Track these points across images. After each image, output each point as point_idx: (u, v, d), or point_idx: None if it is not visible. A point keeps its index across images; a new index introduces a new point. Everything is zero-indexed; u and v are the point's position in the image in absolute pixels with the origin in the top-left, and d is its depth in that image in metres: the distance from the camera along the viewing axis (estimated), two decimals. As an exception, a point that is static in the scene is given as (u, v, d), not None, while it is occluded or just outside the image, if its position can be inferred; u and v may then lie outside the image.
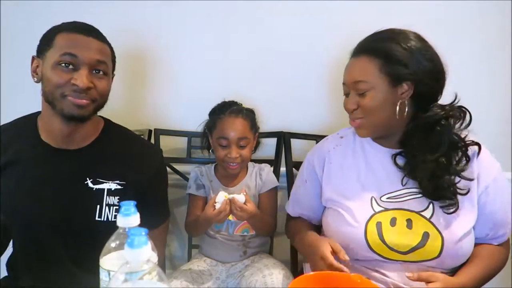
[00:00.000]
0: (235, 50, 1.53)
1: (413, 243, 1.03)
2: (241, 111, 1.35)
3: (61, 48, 1.00)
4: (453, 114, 1.05)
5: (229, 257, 1.37)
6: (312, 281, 0.88)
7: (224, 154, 1.33)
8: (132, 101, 1.54)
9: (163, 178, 1.23)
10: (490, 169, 1.09)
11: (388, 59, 1.03)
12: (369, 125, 1.09)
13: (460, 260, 1.06)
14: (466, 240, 1.04)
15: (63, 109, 1.02)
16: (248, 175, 1.42)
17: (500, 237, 1.11)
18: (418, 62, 1.03)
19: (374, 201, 1.09)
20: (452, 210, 1.03)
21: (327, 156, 1.20)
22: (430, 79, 1.04)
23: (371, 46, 1.07)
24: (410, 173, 1.07)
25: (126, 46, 1.45)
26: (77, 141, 1.09)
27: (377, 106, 1.05)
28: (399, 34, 1.06)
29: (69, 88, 1.00)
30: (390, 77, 1.04)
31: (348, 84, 1.10)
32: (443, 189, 1.03)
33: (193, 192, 1.40)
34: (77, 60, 1.00)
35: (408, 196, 1.08)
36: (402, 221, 1.05)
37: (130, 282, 0.62)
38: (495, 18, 1.52)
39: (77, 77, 1.00)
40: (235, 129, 1.31)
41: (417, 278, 0.98)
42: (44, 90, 1.03)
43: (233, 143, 1.32)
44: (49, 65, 1.01)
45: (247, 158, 1.36)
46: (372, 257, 1.05)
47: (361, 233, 1.05)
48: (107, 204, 1.07)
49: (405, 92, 1.05)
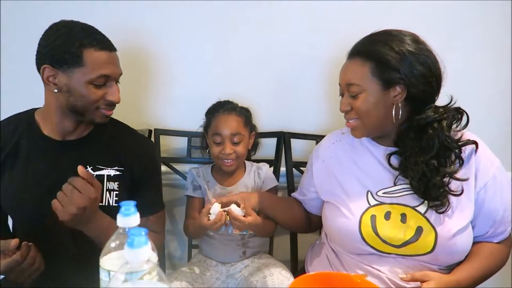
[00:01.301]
0: (235, 50, 1.53)
1: (406, 237, 1.05)
2: (234, 108, 1.37)
3: (95, 69, 1.05)
4: (446, 117, 1.05)
5: (228, 257, 1.36)
6: (312, 281, 0.89)
7: (218, 151, 1.34)
8: (132, 101, 1.54)
9: (156, 167, 1.29)
10: (489, 166, 1.09)
11: (380, 63, 1.04)
12: (362, 127, 1.11)
13: (455, 257, 1.07)
14: (461, 236, 1.05)
15: (94, 119, 1.11)
16: (246, 174, 1.42)
17: (500, 235, 1.11)
18: (410, 66, 1.03)
19: (370, 195, 1.11)
20: (442, 210, 1.04)
21: (327, 151, 1.24)
22: (423, 83, 1.04)
23: (364, 49, 1.09)
24: (403, 172, 1.09)
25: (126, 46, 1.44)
26: (77, 133, 1.16)
27: (369, 108, 1.07)
28: (394, 37, 1.06)
29: (103, 102, 1.10)
30: (382, 81, 1.05)
31: (342, 85, 1.13)
32: (433, 190, 1.04)
33: (190, 194, 1.40)
34: (109, 78, 1.09)
35: (404, 192, 1.10)
36: (396, 215, 1.07)
37: (130, 282, 0.62)
38: (495, 18, 1.52)
39: (112, 94, 1.10)
40: (228, 125, 1.33)
41: (411, 279, 1.01)
42: (73, 102, 1.08)
43: (226, 139, 1.33)
44: (82, 81, 1.05)
45: (242, 155, 1.36)
46: (366, 250, 1.07)
47: (355, 225, 1.08)
48: (108, 189, 1.13)
49: (398, 94, 1.06)
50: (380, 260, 1.07)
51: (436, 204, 1.04)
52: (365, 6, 1.49)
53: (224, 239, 1.36)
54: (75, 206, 0.97)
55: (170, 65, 1.53)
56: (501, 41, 1.54)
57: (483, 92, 1.56)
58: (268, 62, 1.54)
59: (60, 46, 1.04)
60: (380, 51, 1.05)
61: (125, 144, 1.20)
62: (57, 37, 1.05)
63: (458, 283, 1.02)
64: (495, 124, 1.57)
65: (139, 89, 1.55)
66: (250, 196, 1.28)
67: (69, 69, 1.04)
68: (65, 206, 0.98)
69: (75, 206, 0.97)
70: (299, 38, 1.52)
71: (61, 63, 1.04)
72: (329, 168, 1.21)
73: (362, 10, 1.50)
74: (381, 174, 1.13)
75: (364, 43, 1.11)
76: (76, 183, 0.98)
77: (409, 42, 1.05)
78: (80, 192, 0.98)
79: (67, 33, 1.05)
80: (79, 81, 1.05)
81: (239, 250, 1.36)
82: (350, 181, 1.15)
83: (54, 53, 1.04)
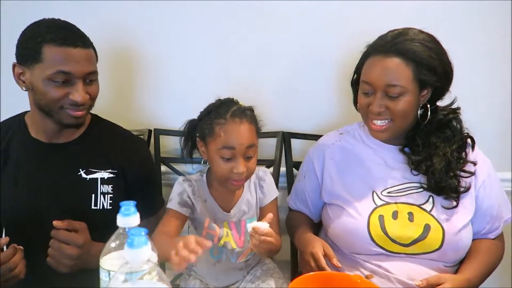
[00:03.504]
0: (235, 50, 1.53)
1: (415, 235, 1.05)
2: (244, 113, 1.10)
3: (52, 65, 1.00)
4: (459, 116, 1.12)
5: (230, 281, 1.20)
6: (312, 281, 0.89)
7: (228, 169, 1.07)
8: (132, 101, 1.54)
9: (150, 169, 1.26)
10: (484, 164, 1.14)
11: (422, 64, 1.04)
12: (394, 128, 1.09)
13: (460, 253, 1.09)
14: (465, 231, 1.07)
15: (61, 119, 1.06)
16: (246, 190, 1.19)
17: (495, 230, 1.14)
18: (443, 68, 1.06)
19: (375, 195, 1.11)
20: (453, 205, 1.07)
21: (327, 152, 1.22)
22: (449, 84, 1.09)
23: (403, 47, 1.04)
24: (420, 164, 1.10)
25: (125, 47, 1.45)
26: (66, 135, 1.13)
27: (407, 109, 1.07)
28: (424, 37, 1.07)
29: (67, 102, 1.03)
30: (419, 82, 1.05)
31: (376, 85, 1.06)
32: (449, 182, 1.06)
33: (176, 208, 1.11)
34: (70, 76, 1.02)
35: (409, 190, 1.10)
36: (403, 214, 1.08)
37: (130, 282, 0.62)
38: (495, 18, 1.52)
39: (74, 93, 1.02)
40: (242, 137, 1.06)
41: (427, 284, 0.99)
42: (38, 101, 1.05)
43: (239, 155, 1.06)
44: (40, 78, 1.02)
45: (252, 171, 1.12)
46: (375, 250, 1.07)
47: (363, 226, 1.07)
48: (102, 193, 1.12)
49: (425, 95, 1.08)
50: (387, 260, 1.07)
51: (450, 198, 1.06)
52: (365, 6, 1.49)
53: (226, 268, 1.19)
54: (69, 258, 0.98)
55: (170, 65, 1.53)
56: (501, 41, 1.53)
57: (483, 92, 1.55)
58: (268, 62, 1.54)
59: (24, 42, 1.04)
60: (421, 51, 1.03)
61: (117, 147, 1.18)
62: (25, 34, 1.05)
63: (469, 282, 1.03)
64: (495, 124, 1.57)
65: (139, 89, 1.55)
66: None
67: (31, 66, 1.02)
68: (60, 261, 0.99)
69: (68, 258, 0.98)
70: (299, 38, 1.52)
71: (25, 59, 1.03)
72: (331, 169, 1.20)
73: (362, 10, 1.49)
74: (385, 173, 1.13)
75: (399, 41, 1.05)
76: (60, 236, 0.98)
77: (434, 41, 1.07)
78: (67, 243, 0.98)
79: (32, 30, 1.04)
80: (39, 77, 1.02)
81: (242, 273, 1.21)
82: (354, 182, 1.14)
83: (20, 50, 1.04)
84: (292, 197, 1.32)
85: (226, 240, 1.17)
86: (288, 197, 1.34)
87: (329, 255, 1.03)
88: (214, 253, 1.17)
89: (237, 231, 1.17)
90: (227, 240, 1.17)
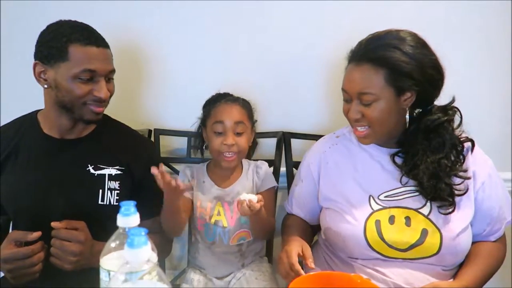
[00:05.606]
0: (235, 50, 1.53)
1: (412, 240, 1.04)
2: (237, 99, 1.30)
3: (79, 63, 1.05)
4: (453, 118, 1.07)
5: (226, 270, 1.29)
6: (312, 281, 0.89)
7: (219, 142, 1.23)
8: (132, 101, 1.54)
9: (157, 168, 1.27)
10: (484, 165, 1.11)
11: (394, 70, 1.01)
12: (374, 135, 1.09)
13: (459, 257, 1.07)
14: (464, 235, 1.05)
15: (83, 115, 1.11)
16: (244, 174, 1.32)
17: (496, 232, 1.12)
18: (422, 72, 1.02)
19: (372, 200, 1.10)
20: (449, 211, 1.04)
21: (323, 156, 1.21)
22: (433, 86, 1.05)
23: (374, 55, 1.03)
24: (409, 172, 1.08)
25: (126, 46, 1.45)
26: (78, 131, 1.17)
27: (383, 116, 1.05)
28: (401, 40, 1.03)
29: (90, 98, 1.09)
30: (395, 88, 1.03)
31: (350, 93, 1.07)
32: (443, 190, 1.04)
33: None
34: (95, 74, 1.08)
35: (406, 194, 1.09)
36: (400, 218, 1.06)
37: (130, 282, 0.62)
38: (495, 18, 1.52)
39: (99, 90, 1.09)
40: (232, 114, 1.25)
41: None
42: (61, 98, 1.09)
43: (229, 129, 1.23)
44: (66, 76, 1.06)
45: (243, 149, 1.26)
46: (372, 255, 1.06)
47: (360, 231, 1.06)
48: (109, 189, 1.15)
49: (408, 99, 1.05)
50: (384, 264, 1.05)
51: (445, 204, 1.04)
52: (365, 6, 1.49)
53: (221, 253, 1.28)
54: (72, 255, 1.00)
55: (170, 65, 1.53)
56: (501, 41, 1.53)
57: (483, 92, 1.56)
58: (268, 61, 1.54)
59: (48, 42, 1.07)
60: (392, 57, 1.01)
61: (126, 145, 1.21)
62: (47, 34, 1.08)
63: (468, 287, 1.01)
64: (495, 124, 1.57)
65: (139, 89, 1.55)
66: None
67: (56, 64, 1.06)
68: (63, 259, 1.00)
69: (71, 255, 1.00)
70: (299, 38, 1.52)
71: (49, 58, 1.07)
72: (327, 174, 1.18)
73: (362, 10, 1.49)
74: (382, 177, 1.11)
75: (371, 48, 1.05)
76: (61, 235, 1.00)
77: (415, 44, 1.03)
78: (69, 241, 1.00)
79: (56, 30, 1.08)
80: (64, 75, 1.06)
81: (237, 263, 1.30)
82: (351, 186, 1.13)
83: (43, 49, 1.07)
84: (288, 201, 1.30)
85: (218, 219, 1.27)
86: (285, 202, 1.32)
87: (305, 255, 1.02)
88: (208, 234, 1.28)
89: (230, 210, 1.27)
90: (219, 218, 1.27)
